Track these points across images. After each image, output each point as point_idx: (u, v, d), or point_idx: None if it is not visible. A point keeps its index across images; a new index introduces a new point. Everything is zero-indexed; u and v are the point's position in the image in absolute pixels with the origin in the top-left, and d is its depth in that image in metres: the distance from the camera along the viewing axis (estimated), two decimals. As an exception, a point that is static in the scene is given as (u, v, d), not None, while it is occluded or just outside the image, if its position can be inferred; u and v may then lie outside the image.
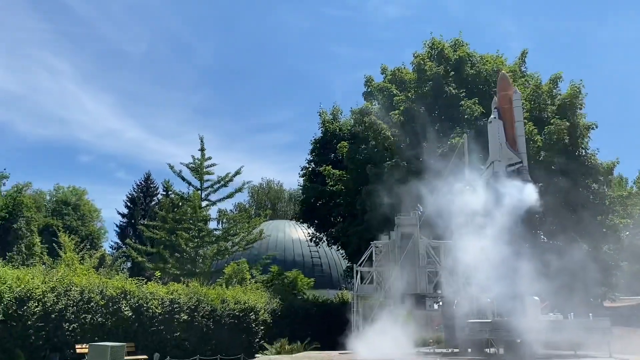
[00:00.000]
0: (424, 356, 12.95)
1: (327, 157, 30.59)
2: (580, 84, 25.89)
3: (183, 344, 22.13)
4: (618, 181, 37.25)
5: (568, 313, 14.81)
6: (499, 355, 13.66)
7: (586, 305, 21.89)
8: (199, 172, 34.95)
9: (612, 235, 27.35)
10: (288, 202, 67.05)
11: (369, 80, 28.45)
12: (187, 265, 33.03)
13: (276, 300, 27.15)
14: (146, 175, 59.18)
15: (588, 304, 23.09)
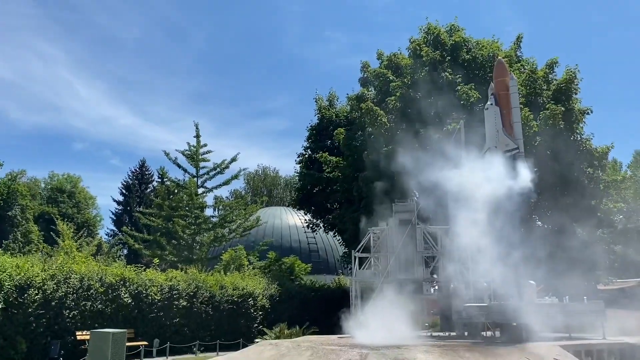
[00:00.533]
0: (421, 340, 13.15)
1: (323, 143, 30.62)
2: (575, 69, 25.94)
3: (182, 330, 22.38)
4: (612, 165, 37.47)
5: (563, 296, 15.05)
6: (495, 339, 13.89)
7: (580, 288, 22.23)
8: (195, 159, 34.98)
9: (606, 220, 27.64)
10: (284, 188, 67.17)
11: (365, 65, 28.40)
12: (184, 252, 33.23)
13: (274, 285, 27.40)
14: (141, 162, 59.23)
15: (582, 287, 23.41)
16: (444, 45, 26.90)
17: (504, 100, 15.58)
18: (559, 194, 24.88)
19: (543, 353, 11.25)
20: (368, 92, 27.57)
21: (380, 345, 11.48)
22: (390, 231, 17.82)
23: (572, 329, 14.08)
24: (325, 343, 13.25)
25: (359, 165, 25.37)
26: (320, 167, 29.04)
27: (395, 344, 11.79)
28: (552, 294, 17.04)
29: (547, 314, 13.16)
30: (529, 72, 26.85)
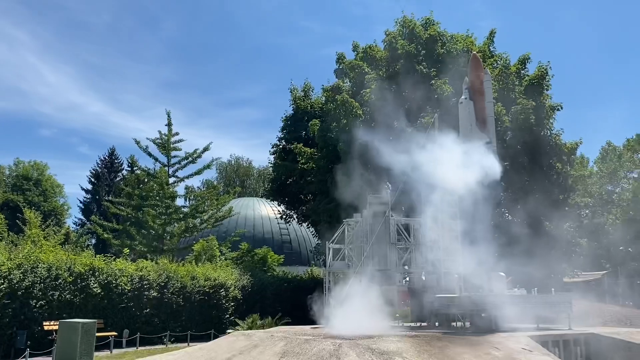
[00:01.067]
0: (393, 330, 13.29)
1: (298, 134, 30.52)
2: (547, 65, 26.44)
3: (152, 321, 22.14)
4: (580, 161, 38.40)
5: (531, 288, 15.39)
6: (465, 329, 14.13)
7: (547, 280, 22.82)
8: (166, 148, 34.36)
9: (573, 214, 28.36)
10: (257, 179, 66.87)
11: (340, 57, 28.37)
12: (154, 243, 32.78)
13: (246, 276, 27.29)
14: (110, 151, 58.15)
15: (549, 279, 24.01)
16: (419, 39, 27.05)
17: (477, 94, 15.78)
18: (528, 188, 25.40)
19: (511, 343, 11.48)
20: (343, 84, 27.56)
21: (353, 336, 11.55)
22: (364, 222, 17.93)
23: (540, 320, 14.40)
24: (298, 333, 13.28)
25: (333, 157, 25.39)
26: (294, 158, 28.95)
27: (367, 334, 11.87)
28: (519, 285, 17.40)
29: (516, 305, 13.42)
30: (501, 67, 27.27)
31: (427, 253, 16.42)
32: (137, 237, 32.50)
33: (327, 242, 18.32)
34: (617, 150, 49.96)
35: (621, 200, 43.14)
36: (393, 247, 17.40)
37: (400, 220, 17.88)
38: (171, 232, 33.84)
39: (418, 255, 17.08)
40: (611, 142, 52.22)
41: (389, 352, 10.15)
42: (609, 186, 46.52)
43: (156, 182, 33.46)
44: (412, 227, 17.73)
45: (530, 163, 25.54)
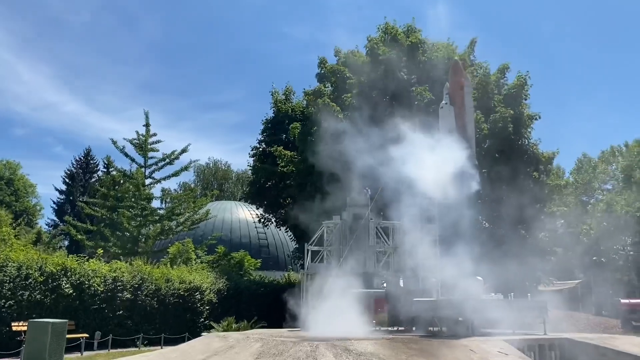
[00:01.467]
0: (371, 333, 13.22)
1: (278, 137, 30.40)
2: (526, 75, 26.83)
3: (125, 323, 21.71)
4: (556, 172, 38.95)
5: (507, 294, 15.48)
6: (442, 333, 14.11)
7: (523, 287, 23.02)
8: (143, 149, 33.82)
9: (549, 222, 28.74)
10: (236, 183, 66.38)
11: (322, 61, 28.37)
12: (129, 245, 32.21)
13: (222, 280, 26.95)
14: (86, 151, 57.24)
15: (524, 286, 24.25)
16: (401, 46, 27.21)
17: (458, 100, 15.88)
18: (505, 196, 25.63)
19: (487, 347, 11.48)
20: (325, 88, 27.55)
21: (331, 338, 11.42)
22: (343, 225, 17.86)
23: (516, 325, 14.46)
24: (275, 335, 13.11)
25: (313, 160, 25.28)
26: (274, 161, 28.80)
27: (345, 336, 11.76)
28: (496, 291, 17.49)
29: (492, 310, 13.46)
30: (481, 76, 27.59)
31: (406, 257, 16.42)
32: (111, 239, 31.90)
33: (306, 244, 18.21)
34: (592, 162, 50.92)
35: (595, 211, 43.88)
36: (372, 250, 17.37)
37: (380, 222, 17.87)
38: (146, 235, 33.32)
39: (396, 259, 17.08)
40: (587, 153, 53.32)
41: (366, 353, 10.06)
42: (584, 197, 47.33)
43: (132, 183, 32.93)
44: (391, 230, 17.73)
45: (507, 171, 25.77)
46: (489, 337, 12.72)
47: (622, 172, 47.08)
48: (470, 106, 16.13)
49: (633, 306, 28.80)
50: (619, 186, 46.45)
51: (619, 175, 47.59)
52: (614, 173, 48.78)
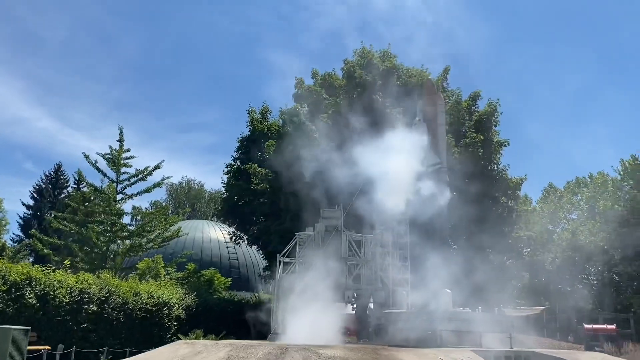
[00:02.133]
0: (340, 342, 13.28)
1: (253, 155, 30.45)
2: (496, 103, 27.73)
3: (90, 336, 21.15)
4: (523, 200, 39.86)
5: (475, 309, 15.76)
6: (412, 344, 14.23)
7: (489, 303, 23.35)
8: (116, 164, 33.47)
9: (515, 247, 29.35)
10: (208, 202, 65.74)
11: (299, 82, 28.83)
12: (96, 261, 31.55)
13: (191, 296, 26.62)
14: (57, 167, 56.09)
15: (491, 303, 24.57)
16: (376, 70, 27.87)
17: (430, 118, 16.38)
18: (474, 220, 26.16)
19: (456, 355, 11.67)
20: (301, 108, 27.95)
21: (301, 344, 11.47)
22: (316, 236, 17.99)
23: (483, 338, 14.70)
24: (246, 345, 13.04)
25: (287, 178, 25.46)
26: (248, 179, 28.84)
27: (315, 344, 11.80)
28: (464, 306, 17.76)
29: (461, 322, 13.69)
30: (454, 102, 28.40)
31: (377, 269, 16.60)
32: (79, 254, 31.24)
33: (278, 255, 18.25)
34: (558, 192, 52.27)
35: (560, 240, 44.87)
36: (344, 263, 17.49)
37: (352, 235, 18.06)
38: (115, 251, 32.74)
39: (368, 271, 17.24)
40: (553, 183, 54.75)
41: (335, 357, 10.13)
42: (549, 226, 48.36)
43: (103, 197, 32.48)
44: (363, 242, 17.92)
45: (477, 195, 26.36)
46: (458, 348, 12.91)
47: (587, 202, 48.40)
48: (442, 123, 16.67)
49: (596, 331, 29.37)
50: (583, 216, 47.68)
51: (584, 206, 48.89)
52: (579, 203, 50.12)
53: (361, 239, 17.97)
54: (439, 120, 16.41)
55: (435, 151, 15.97)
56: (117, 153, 33.32)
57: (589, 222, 44.99)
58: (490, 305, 23.85)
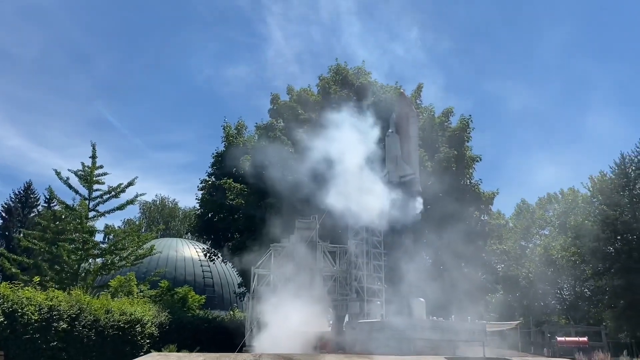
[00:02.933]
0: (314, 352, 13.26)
1: (228, 171, 30.37)
2: (469, 119, 28.32)
3: (60, 355, 20.61)
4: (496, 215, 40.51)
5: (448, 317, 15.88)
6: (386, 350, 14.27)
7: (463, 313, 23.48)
8: (88, 181, 32.96)
9: (489, 261, 29.74)
10: (182, 220, 64.99)
11: (275, 98, 29.03)
12: (67, 280, 30.83)
13: (165, 313, 26.19)
14: (27, 185, 54.98)
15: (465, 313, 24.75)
16: (351, 86, 28.27)
17: (403, 129, 16.67)
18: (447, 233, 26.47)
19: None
20: (277, 123, 28.10)
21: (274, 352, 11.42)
22: (291, 248, 17.99)
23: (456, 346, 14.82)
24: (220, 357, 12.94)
25: (263, 193, 25.48)
26: (223, 195, 28.71)
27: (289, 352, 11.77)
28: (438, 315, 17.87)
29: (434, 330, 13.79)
30: (427, 118, 28.89)
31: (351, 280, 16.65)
32: (49, 273, 30.51)
33: (253, 267, 18.17)
34: (530, 208, 53.29)
35: (533, 255, 45.63)
36: (318, 274, 17.51)
37: (327, 246, 18.11)
38: (87, 269, 32.08)
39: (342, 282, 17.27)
40: (525, 199, 55.81)
41: (310, 363, 10.11)
42: (522, 241, 49.20)
43: (75, 215, 31.89)
44: (338, 253, 17.99)
45: (450, 209, 26.71)
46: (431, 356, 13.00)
47: (558, 218, 49.43)
48: (415, 135, 16.98)
49: (568, 344, 29.84)
50: (555, 231, 48.63)
51: (555, 222, 49.90)
52: (551, 219, 51.15)
53: (336, 249, 18.06)
54: (411, 131, 16.72)
55: (408, 162, 16.22)
56: (89, 170, 32.81)
57: (561, 238, 45.93)
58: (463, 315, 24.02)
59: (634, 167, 39.22)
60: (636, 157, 39.23)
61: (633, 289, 35.50)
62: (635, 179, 38.64)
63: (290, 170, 23.11)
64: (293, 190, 21.68)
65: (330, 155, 23.77)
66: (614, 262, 37.39)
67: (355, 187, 16.44)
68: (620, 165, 39.74)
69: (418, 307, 14.50)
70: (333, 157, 23.66)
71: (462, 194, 27.33)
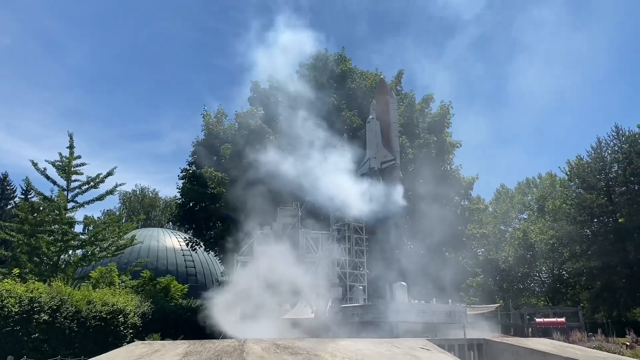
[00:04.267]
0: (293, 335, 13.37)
1: (209, 160, 30.19)
2: (449, 105, 28.51)
3: (42, 347, 20.42)
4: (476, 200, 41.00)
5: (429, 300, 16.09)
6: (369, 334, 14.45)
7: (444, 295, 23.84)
8: (66, 171, 32.45)
9: (469, 244, 30.16)
10: (163, 210, 64.39)
11: (254, 85, 28.86)
12: (46, 272, 30.46)
13: (147, 303, 26.08)
14: (2, 177, 54.03)
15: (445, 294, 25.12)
16: (331, 73, 28.23)
17: (384, 116, 16.74)
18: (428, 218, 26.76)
19: (411, 344, 11.92)
20: (257, 111, 27.97)
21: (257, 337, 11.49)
22: (273, 234, 18.03)
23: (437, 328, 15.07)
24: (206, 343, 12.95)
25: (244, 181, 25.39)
26: (204, 184, 28.57)
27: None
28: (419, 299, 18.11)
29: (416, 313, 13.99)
30: (407, 105, 29.03)
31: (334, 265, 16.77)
32: (28, 265, 30.11)
33: (235, 254, 18.19)
34: (510, 193, 54.00)
35: (513, 239, 46.32)
36: (301, 260, 17.59)
37: (309, 232, 18.19)
38: (67, 261, 31.72)
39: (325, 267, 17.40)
40: (504, 184, 56.53)
41: (294, 347, 10.20)
42: (502, 226, 49.88)
43: (53, 206, 31.43)
44: (320, 240, 18.09)
45: (431, 194, 26.98)
46: (413, 338, 13.19)
47: (536, 202, 50.18)
48: (395, 121, 17.03)
49: (547, 325, 30.46)
50: (534, 215, 49.39)
51: (534, 206, 50.66)
52: (529, 203, 51.91)
53: (318, 235, 18.16)
54: (391, 118, 16.78)
55: (389, 148, 16.31)
56: (67, 160, 32.32)
57: (539, 221, 46.67)
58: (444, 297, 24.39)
59: (610, 151, 39.94)
60: (612, 142, 39.96)
61: (609, 270, 36.33)
62: (611, 163, 39.36)
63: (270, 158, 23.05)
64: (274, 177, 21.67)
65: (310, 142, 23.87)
66: (591, 245, 38.16)
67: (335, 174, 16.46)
68: (596, 149, 40.43)
69: (400, 290, 14.69)
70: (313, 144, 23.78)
71: (443, 179, 27.59)
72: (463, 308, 15.49)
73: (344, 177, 17.02)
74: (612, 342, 23.89)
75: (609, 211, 37.84)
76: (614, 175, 39.01)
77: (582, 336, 23.33)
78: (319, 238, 18.11)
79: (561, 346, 14.96)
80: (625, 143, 38.93)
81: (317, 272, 17.59)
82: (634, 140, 38.70)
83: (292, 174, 18.64)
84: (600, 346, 20.13)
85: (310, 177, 17.71)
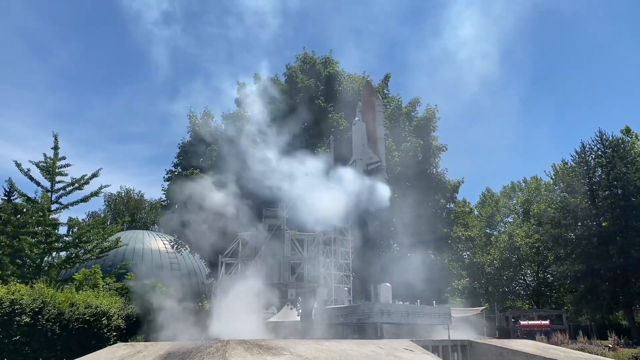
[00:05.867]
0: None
1: (195, 161, 30.07)
2: (435, 109, 28.68)
3: (23, 350, 20.11)
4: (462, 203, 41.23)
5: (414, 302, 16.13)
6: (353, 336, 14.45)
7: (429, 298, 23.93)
8: (50, 172, 32.11)
9: (455, 247, 30.33)
10: (149, 212, 63.82)
11: (242, 86, 28.83)
12: (29, 274, 30.07)
13: (132, 306, 25.82)
14: (-14, 178, 53.38)
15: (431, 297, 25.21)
16: (318, 75, 28.29)
17: (369, 118, 16.79)
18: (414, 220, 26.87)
19: (395, 345, 11.94)
20: (244, 113, 27.91)
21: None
22: (258, 236, 17.97)
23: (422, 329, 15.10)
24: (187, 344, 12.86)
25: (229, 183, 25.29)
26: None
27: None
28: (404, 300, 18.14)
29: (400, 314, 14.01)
30: (394, 108, 29.17)
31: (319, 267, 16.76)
32: (10, 268, 29.70)
33: (220, 256, 18.09)
34: (495, 197, 54.38)
35: (498, 242, 46.64)
36: (287, 261, 17.56)
37: (295, 234, 18.16)
38: (50, 263, 31.35)
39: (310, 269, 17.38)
40: (490, 188, 56.91)
41: (277, 347, 10.17)
42: (487, 229, 50.22)
43: (37, 207, 31.05)
44: (306, 241, 18.06)
45: (417, 197, 27.12)
46: (397, 339, 13.21)
47: (521, 206, 50.59)
48: (381, 123, 17.09)
49: (531, 327, 30.76)
50: (519, 219, 49.78)
51: (519, 209, 51.06)
52: (514, 207, 52.31)
53: (304, 237, 18.12)
54: (377, 120, 16.84)
55: (375, 150, 16.36)
56: (51, 161, 31.99)
57: (524, 225, 47.05)
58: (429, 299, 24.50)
59: (594, 155, 40.39)
60: (596, 146, 40.41)
61: (593, 273, 36.68)
62: (595, 167, 39.80)
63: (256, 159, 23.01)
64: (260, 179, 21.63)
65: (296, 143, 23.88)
66: (575, 248, 38.52)
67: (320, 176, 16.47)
68: (580, 153, 40.87)
69: (385, 291, 14.70)
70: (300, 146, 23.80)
71: (428, 182, 27.74)
72: (448, 309, 15.54)
73: (329, 179, 17.01)
74: (595, 344, 24.17)
75: (592, 215, 38.23)
76: (597, 179, 39.45)
77: (565, 338, 23.57)
78: (304, 239, 18.08)
79: (544, 347, 15.08)
80: (609, 148, 39.40)
81: (303, 274, 17.57)
82: (616, 145, 39.19)
83: (278, 176, 18.59)
84: (583, 348, 20.37)
85: (296, 178, 17.67)
